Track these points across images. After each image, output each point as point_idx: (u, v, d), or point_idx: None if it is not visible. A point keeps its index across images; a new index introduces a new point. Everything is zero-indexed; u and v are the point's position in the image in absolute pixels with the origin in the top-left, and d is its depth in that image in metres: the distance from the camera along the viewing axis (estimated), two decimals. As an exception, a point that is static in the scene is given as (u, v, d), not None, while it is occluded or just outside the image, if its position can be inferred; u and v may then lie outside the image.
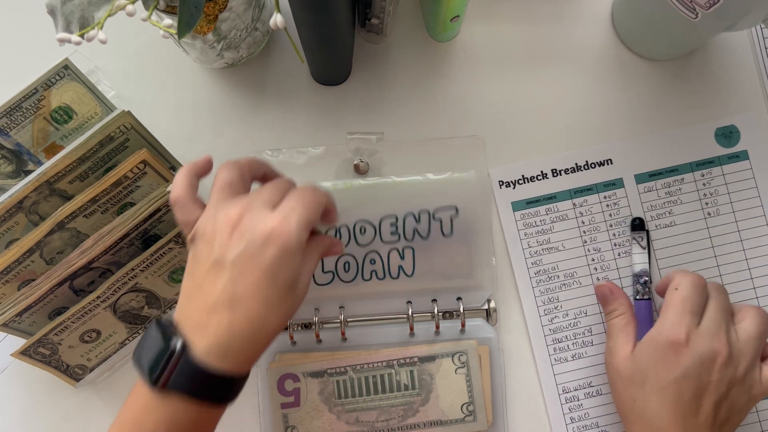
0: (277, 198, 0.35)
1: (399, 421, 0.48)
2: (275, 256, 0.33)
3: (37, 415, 0.49)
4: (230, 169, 0.37)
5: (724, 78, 0.53)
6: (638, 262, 0.50)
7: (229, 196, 0.36)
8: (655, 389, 0.41)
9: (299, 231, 0.33)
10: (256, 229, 0.33)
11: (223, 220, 0.34)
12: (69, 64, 0.46)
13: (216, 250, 0.34)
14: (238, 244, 0.33)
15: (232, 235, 0.34)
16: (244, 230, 0.33)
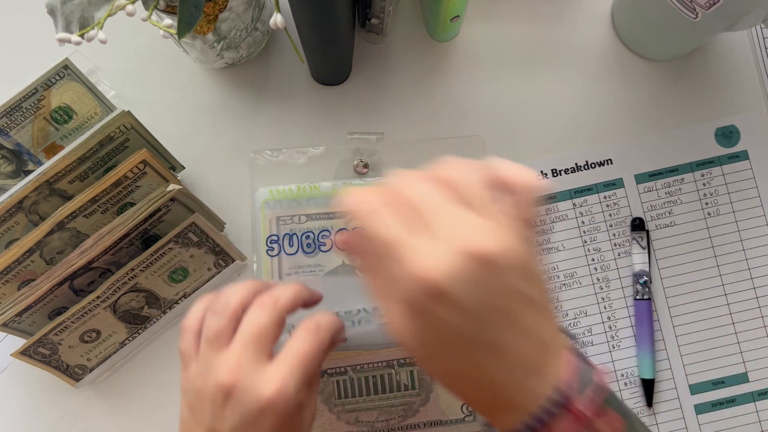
0: (269, 342, 0.32)
1: (399, 421, 0.48)
2: (273, 426, 0.31)
3: (37, 415, 0.49)
4: (218, 315, 0.33)
5: (724, 78, 0.53)
6: (638, 262, 0.50)
7: (217, 348, 0.32)
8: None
9: (298, 394, 0.31)
10: (251, 400, 0.30)
11: (213, 386, 0.31)
12: (69, 64, 0.46)
13: (210, 417, 0.32)
14: (232, 417, 0.31)
15: (225, 404, 0.31)
16: (238, 401, 0.31)
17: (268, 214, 0.50)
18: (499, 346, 0.27)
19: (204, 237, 0.46)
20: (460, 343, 0.27)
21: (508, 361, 0.27)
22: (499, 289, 0.26)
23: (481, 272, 0.26)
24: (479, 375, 0.28)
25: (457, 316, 0.26)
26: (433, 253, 0.26)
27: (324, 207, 0.50)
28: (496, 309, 0.27)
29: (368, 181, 0.50)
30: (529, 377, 0.28)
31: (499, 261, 0.26)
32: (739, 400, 0.49)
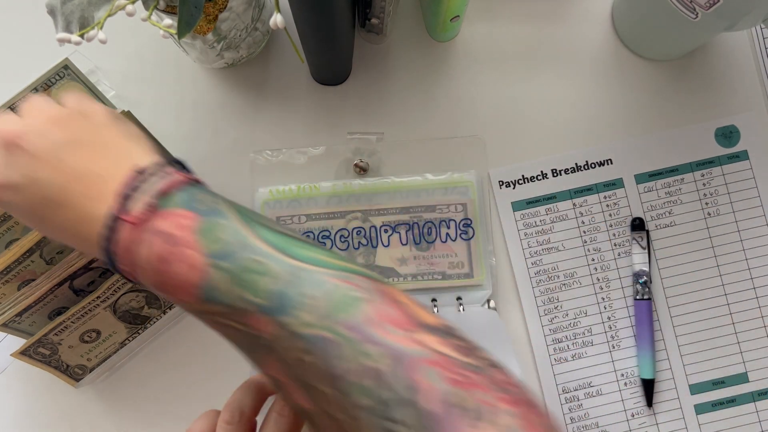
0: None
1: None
2: None
3: (37, 415, 0.49)
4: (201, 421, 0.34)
5: (724, 78, 0.53)
6: (638, 262, 0.50)
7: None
8: None
9: None
10: None
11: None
12: (69, 64, 0.46)
13: None
14: None
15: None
16: None
17: (268, 214, 0.50)
18: (57, 195, 0.31)
19: (204, 237, 0.46)
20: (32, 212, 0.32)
21: (70, 203, 0.31)
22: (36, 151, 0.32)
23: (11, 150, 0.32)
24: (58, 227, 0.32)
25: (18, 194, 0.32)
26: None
27: (324, 207, 0.50)
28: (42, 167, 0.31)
29: (368, 182, 0.50)
30: (92, 207, 0.31)
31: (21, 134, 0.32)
32: (739, 400, 0.49)
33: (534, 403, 0.25)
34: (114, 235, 0.30)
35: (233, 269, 0.28)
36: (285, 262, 0.28)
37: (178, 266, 0.29)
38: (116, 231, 0.30)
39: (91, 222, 0.31)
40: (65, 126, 0.33)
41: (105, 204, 0.30)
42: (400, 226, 0.50)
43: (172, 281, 0.29)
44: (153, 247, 0.29)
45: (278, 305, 0.27)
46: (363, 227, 0.50)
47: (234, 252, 0.29)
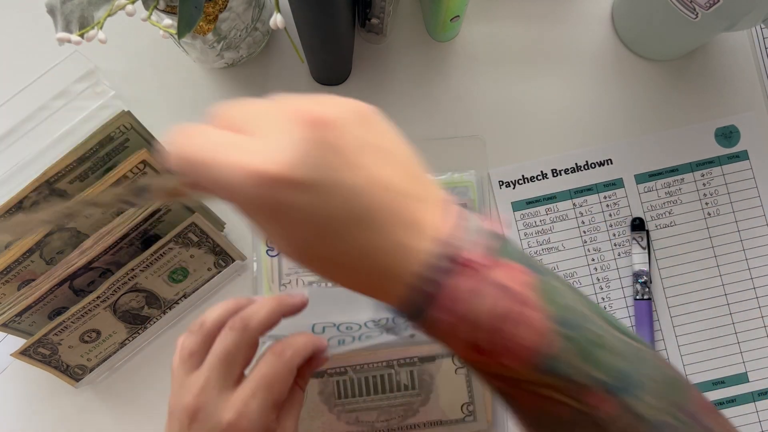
0: (237, 368, 0.32)
1: (399, 421, 0.48)
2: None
3: (36, 415, 0.49)
4: (192, 336, 0.34)
5: (724, 78, 0.53)
6: (638, 262, 0.50)
7: (189, 369, 0.33)
8: None
9: (262, 419, 0.31)
10: (212, 424, 0.31)
11: (180, 409, 0.32)
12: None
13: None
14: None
15: (191, 427, 0.31)
16: (201, 423, 0.31)
17: (268, 214, 0.50)
18: (363, 209, 0.23)
19: (204, 237, 0.46)
20: (326, 224, 0.23)
21: (376, 223, 0.24)
22: (349, 150, 0.23)
23: (319, 138, 0.23)
24: (353, 250, 0.24)
25: (311, 197, 0.23)
26: (261, 142, 0.23)
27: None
28: (349, 169, 0.23)
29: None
30: (406, 235, 0.24)
31: (336, 121, 0.23)
32: (739, 400, 0.49)
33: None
34: (441, 276, 0.24)
35: (579, 340, 0.25)
36: (620, 339, 0.26)
37: (520, 328, 0.24)
38: (446, 273, 0.24)
39: (405, 254, 0.24)
40: (373, 128, 0.25)
41: (427, 236, 0.24)
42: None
43: (506, 343, 0.24)
44: (491, 300, 0.24)
45: (623, 384, 0.25)
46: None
47: (577, 320, 0.25)
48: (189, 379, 0.33)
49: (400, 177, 0.25)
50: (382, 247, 0.24)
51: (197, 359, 0.33)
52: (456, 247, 0.24)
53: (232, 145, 0.23)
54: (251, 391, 0.32)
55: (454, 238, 0.24)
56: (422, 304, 0.24)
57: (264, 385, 0.32)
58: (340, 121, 0.23)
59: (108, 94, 0.50)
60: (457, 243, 0.24)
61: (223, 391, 0.32)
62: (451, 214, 0.25)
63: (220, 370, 0.32)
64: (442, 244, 0.24)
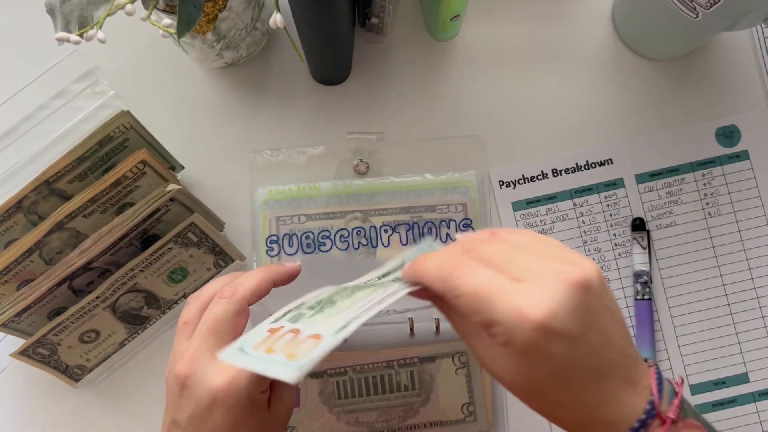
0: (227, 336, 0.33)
1: (399, 421, 0.48)
2: (226, 419, 0.31)
3: (36, 415, 0.49)
4: (188, 306, 0.35)
5: (724, 78, 0.53)
6: (638, 262, 0.50)
7: (184, 338, 0.34)
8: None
9: (250, 388, 0.31)
10: (202, 390, 0.31)
11: (172, 376, 0.32)
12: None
13: (171, 407, 0.33)
14: (187, 406, 0.31)
15: (181, 394, 0.32)
16: (190, 391, 0.31)
17: (267, 214, 0.50)
18: (602, 367, 0.27)
19: (203, 237, 0.46)
20: (570, 374, 0.27)
21: (607, 380, 0.28)
22: (597, 311, 0.27)
23: (582, 299, 0.26)
24: (582, 400, 0.28)
25: (568, 347, 0.26)
26: (532, 293, 0.26)
27: (323, 207, 0.50)
28: (597, 331, 0.27)
29: (368, 182, 0.50)
30: (627, 392, 0.28)
31: (593, 285, 0.27)
32: (739, 401, 0.49)
33: None
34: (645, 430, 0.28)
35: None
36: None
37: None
38: (648, 427, 0.28)
39: (625, 409, 0.28)
40: (608, 292, 0.29)
41: (642, 395, 0.28)
42: (400, 226, 0.50)
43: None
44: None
45: None
46: (363, 227, 0.50)
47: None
48: (180, 348, 0.33)
49: (622, 338, 0.28)
50: (604, 401, 0.28)
51: (191, 328, 0.34)
52: (659, 407, 0.28)
53: (509, 289, 0.27)
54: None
55: (659, 398, 0.28)
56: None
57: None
58: (596, 287, 0.27)
59: (107, 94, 0.50)
60: (662, 403, 0.28)
61: (213, 358, 0.32)
62: (653, 375, 0.29)
63: (209, 338, 0.32)
64: (652, 403, 0.28)
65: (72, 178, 0.45)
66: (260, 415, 0.32)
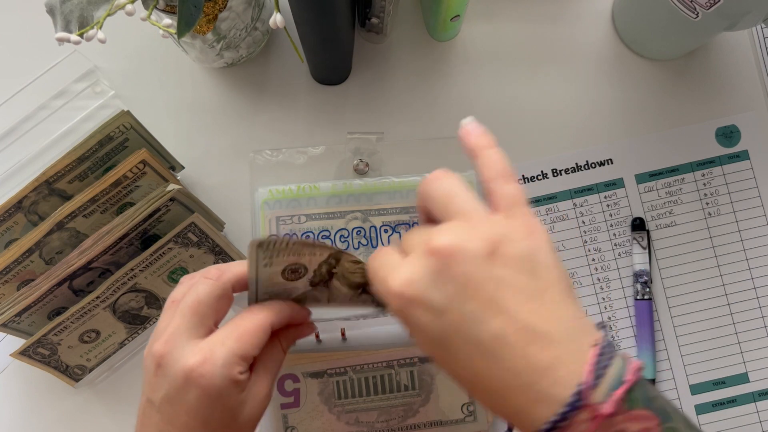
0: (208, 319, 0.32)
1: (399, 421, 0.48)
2: (200, 400, 0.30)
3: (36, 415, 0.49)
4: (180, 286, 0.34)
5: (724, 78, 0.53)
6: (638, 262, 0.50)
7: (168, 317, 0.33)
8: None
9: (226, 368, 0.30)
10: (176, 369, 0.30)
11: (149, 354, 0.32)
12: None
13: (147, 386, 0.32)
14: (161, 385, 0.31)
15: (156, 372, 0.31)
16: (166, 369, 0.31)
17: (267, 214, 0.50)
18: (487, 338, 0.26)
19: (203, 237, 0.46)
20: (446, 343, 0.26)
21: (499, 356, 0.25)
22: (468, 280, 0.26)
23: (440, 268, 0.26)
24: (479, 379, 0.26)
25: (433, 315, 0.26)
26: (403, 265, 0.28)
27: (324, 207, 0.50)
28: (473, 300, 0.26)
29: (368, 182, 0.50)
30: (540, 379, 0.25)
31: (458, 252, 0.26)
32: (739, 401, 0.49)
33: None
34: (567, 422, 0.25)
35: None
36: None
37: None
38: (573, 419, 0.25)
39: (538, 398, 0.25)
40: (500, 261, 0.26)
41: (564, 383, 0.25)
42: (400, 226, 0.50)
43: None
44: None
45: None
46: (363, 227, 0.50)
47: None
48: (160, 326, 0.32)
49: (534, 315, 0.25)
50: (512, 385, 0.25)
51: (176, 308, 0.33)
52: (591, 398, 0.24)
53: (392, 266, 0.28)
54: (220, 339, 0.31)
55: (590, 388, 0.25)
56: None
57: (235, 336, 0.31)
58: (465, 255, 0.26)
59: (107, 94, 0.50)
60: (592, 394, 0.24)
61: (191, 338, 0.31)
62: (592, 356, 0.25)
63: (189, 318, 0.32)
64: (576, 394, 0.24)
65: (72, 178, 0.45)
66: (235, 398, 0.31)
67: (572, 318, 0.27)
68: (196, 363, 0.30)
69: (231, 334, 0.31)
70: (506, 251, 0.26)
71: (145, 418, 0.32)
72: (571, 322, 0.26)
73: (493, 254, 0.26)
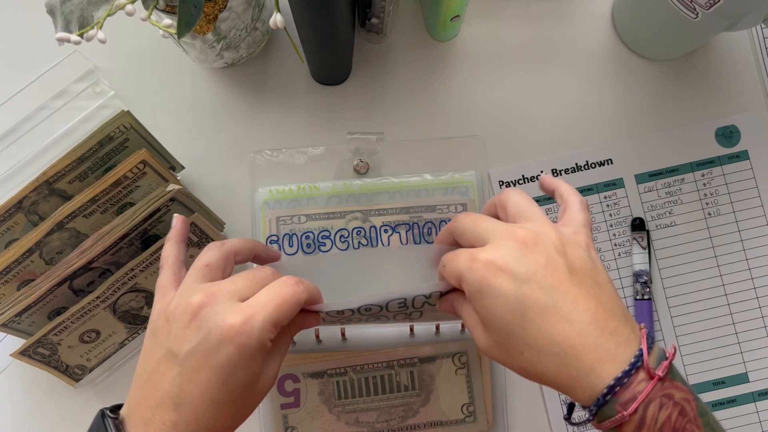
0: (249, 291, 0.33)
1: (399, 421, 0.48)
2: (230, 358, 0.30)
3: (36, 415, 0.49)
4: (212, 250, 0.35)
5: (724, 78, 0.53)
6: (638, 262, 0.50)
7: (201, 278, 0.34)
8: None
9: (262, 332, 0.31)
10: (215, 324, 0.31)
11: (183, 306, 0.32)
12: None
13: (171, 338, 0.32)
14: (193, 337, 0.31)
15: (190, 324, 0.31)
16: (202, 322, 0.31)
17: (267, 214, 0.50)
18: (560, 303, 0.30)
19: (204, 237, 0.46)
20: (523, 307, 0.30)
21: (573, 319, 0.29)
22: (546, 264, 0.31)
23: (526, 251, 0.31)
24: (551, 339, 0.29)
25: (515, 283, 0.30)
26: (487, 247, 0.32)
27: (324, 207, 0.50)
28: (549, 277, 0.30)
29: (368, 182, 0.50)
30: (605, 339, 0.29)
31: (540, 243, 0.31)
32: (739, 401, 0.49)
33: None
34: (628, 380, 0.29)
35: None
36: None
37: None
38: (632, 377, 0.29)
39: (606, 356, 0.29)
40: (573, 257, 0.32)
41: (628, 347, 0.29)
42: (400, 226, 0.50)
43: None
44: (664, 411, 0.29)
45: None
46: (363, 227, 0.50)
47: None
48: (199, 286, 0.33)
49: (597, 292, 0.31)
50: (580, 343, 0.29)
51: (213, 272, 0.35)
52: (648, 363, 0.29)
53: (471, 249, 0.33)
54: (260, 303, 0.32)
55: (645, 354, 0.29)
56: (612, 406, 0.29)
57: (275, 301, 0.32)
58: (546, 247, 0.31)
59: (108, 94, 0.50)
60: (649, 360, 0.29)
61: (232, 301, 0.32)
62: (643, 333, 0.30)
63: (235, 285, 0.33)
64: (638, 356, 0.29)
65: (72, 178, 0.45)
66: (259, 365, 0.32)
67: (623, 306, 0.32)
68: (237, 322, 0.30)
69: (271, 300, 0.32)
70: (572, 252, 0.32)
71: (160, 372, 0.32)
72: (624, 308, 0.32)
73: (563, 250, 0.32)
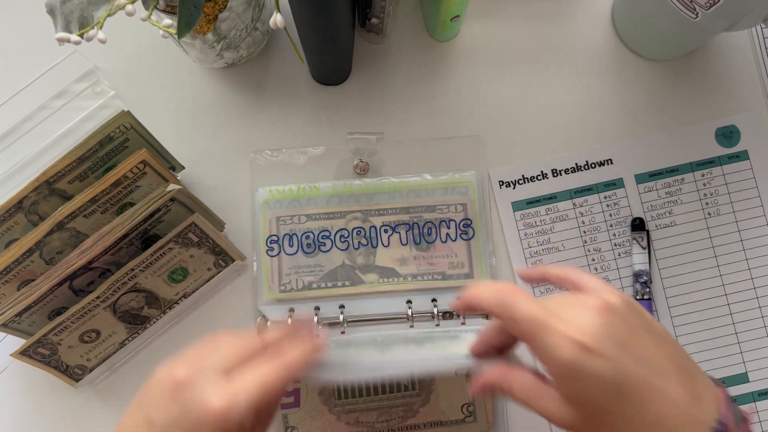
0: (235, 361, 0.32)
1: (399, 421, 0.48)
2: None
3: (36, 415, 0.49)
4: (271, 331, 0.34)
5: (724, 78, 0.53)
6: (638, 262, 0.50)
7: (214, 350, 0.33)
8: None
9: (244, 416, 0.30)
10: (196, 403, 0.30)
11: (167, 375, 0.31)
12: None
13: (151, 405, 0.31)
14: (172, 411, 0.30)
15: (172, 396, 0.31)
16: (185, 397, 0.30)
17: (268, 214, 0.50)
18: (654, 375, 0.30)
19: (204, 237, 0.46)
20: (617, 387, 0.30)
21: (665, 394, 0.30)
22: (629, 329, 0.31)
23: (610, 319, 0.31)
24: (644, 415, 0.30)
25: (610, 364, 0.30)
26: (570, 321, 0.31)
27: (324, 207, 0.50)
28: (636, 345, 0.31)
29: (368, 182, 0.50)
30: (693, 407, 0.30)
31: (616, 306, 0.31)
32: (739, 401, 0.49)
33: None
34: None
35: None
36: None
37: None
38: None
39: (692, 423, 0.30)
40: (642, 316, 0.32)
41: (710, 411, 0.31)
42: (400, 226, 0.50)
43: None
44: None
45: None
46: (363, 227, 0.50)
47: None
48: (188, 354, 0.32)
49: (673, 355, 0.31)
50: (673, 413, 0.30)
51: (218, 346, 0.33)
52: (729, 427, 0.30)
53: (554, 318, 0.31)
54: (245, 386, 0.31)
55: (728, 419, 0.30)
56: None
57: (259, 389, 0.31)
58: (620, 308, 0.31)
59: (108, 94, 0.50)
60: (729, 424, 0.30)
61: (216, 375, 0.31)
62: (724, 397, 0.31)
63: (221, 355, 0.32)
64: (721, 422, 0.30)
65: (72, 178, 0.45)
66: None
67: (687, 355, 0.33)
68: (219, 406, 0.30)
69: (256, 380, 0.31)
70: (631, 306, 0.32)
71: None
72: (689, 359, 0.32)
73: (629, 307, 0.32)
